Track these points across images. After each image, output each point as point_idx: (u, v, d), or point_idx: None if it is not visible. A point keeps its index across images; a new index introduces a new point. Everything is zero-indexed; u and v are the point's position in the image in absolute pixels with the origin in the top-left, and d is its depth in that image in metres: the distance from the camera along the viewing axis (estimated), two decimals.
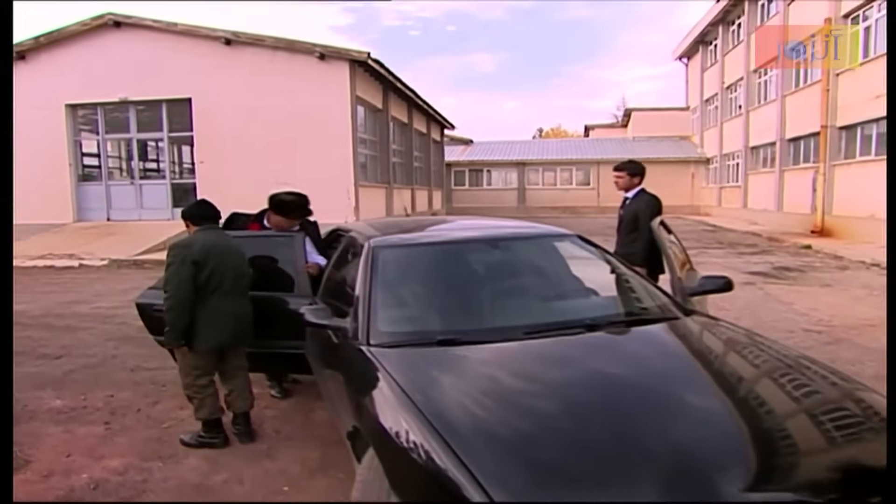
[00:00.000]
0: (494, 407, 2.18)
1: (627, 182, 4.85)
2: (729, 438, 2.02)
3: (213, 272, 3.55)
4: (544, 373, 2.51)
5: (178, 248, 3.55)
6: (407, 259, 3.47)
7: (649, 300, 3.26)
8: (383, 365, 2.54)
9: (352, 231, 4.10)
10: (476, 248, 3.62)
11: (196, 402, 3.62)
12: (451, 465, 1.82)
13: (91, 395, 4.68)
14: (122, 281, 10.41)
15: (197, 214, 3.78)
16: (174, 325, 3.48)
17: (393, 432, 2.15)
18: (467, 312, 3.09)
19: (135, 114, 15.89)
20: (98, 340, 6.37)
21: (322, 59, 14.42)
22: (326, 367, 3.41)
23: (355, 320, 2.99)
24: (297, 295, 4.05)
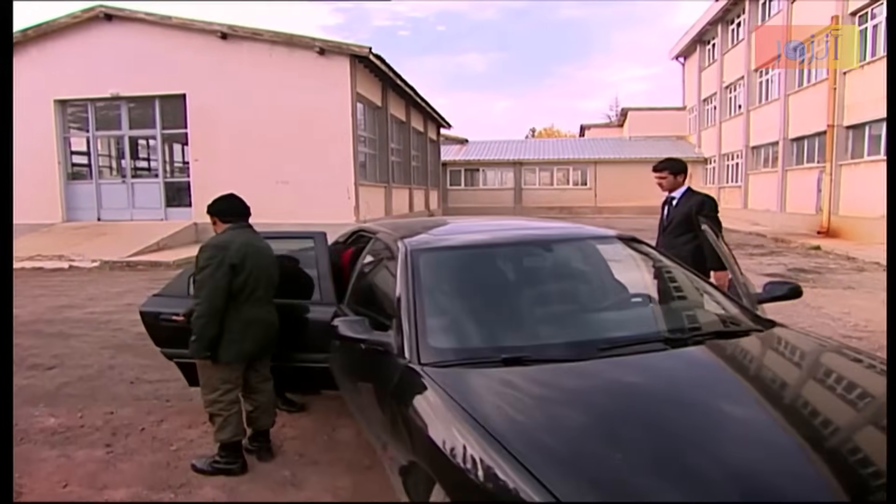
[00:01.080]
0: (599, 447, 1.81)
1: (672, 182, 4.49)
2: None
3: (248, 277, 3.19)
4: (643, 402, 2.12)
5: (213, 250, 3.17)
6: (451, 264, 3.09)
7: (725, 309, 2.89)
8: (446, 390, 2.15)
9: (379, 232, 3.71)
10: (526, 251, 3.25)
11: (219, 420, 3.21)
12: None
13: (88, 411, 4.26)
14: (116, 283, 9.95)
15: (226, 210, 3.38)
16: (203, 334, 3.10)
17: (477, 475, 1.77)
18: (529, 325, 2.72)
19: (127, 110, 15.38)
20: (93, 349, 5.94)
21: (322, 55, 14.00)
22: (361, 386, 3.02)
23: (399, 334, 2.61)
24: (319, 302, 3.66)
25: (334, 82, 14.09)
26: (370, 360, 2.79)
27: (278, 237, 3.94)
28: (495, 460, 1.74)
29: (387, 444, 2.42)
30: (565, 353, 2.42)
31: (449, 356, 2.43)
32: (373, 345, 2.69)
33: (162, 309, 3.70)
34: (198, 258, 3.20)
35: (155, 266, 11.75)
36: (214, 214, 3.40)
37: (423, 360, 2.41)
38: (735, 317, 2.79)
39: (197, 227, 14.87)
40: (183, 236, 14.32)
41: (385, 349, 2.63)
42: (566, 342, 2.53)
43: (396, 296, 2.78)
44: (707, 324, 2.75)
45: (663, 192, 4.60)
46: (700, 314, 2.88)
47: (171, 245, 13.73)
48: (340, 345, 3.31)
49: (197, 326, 3.10)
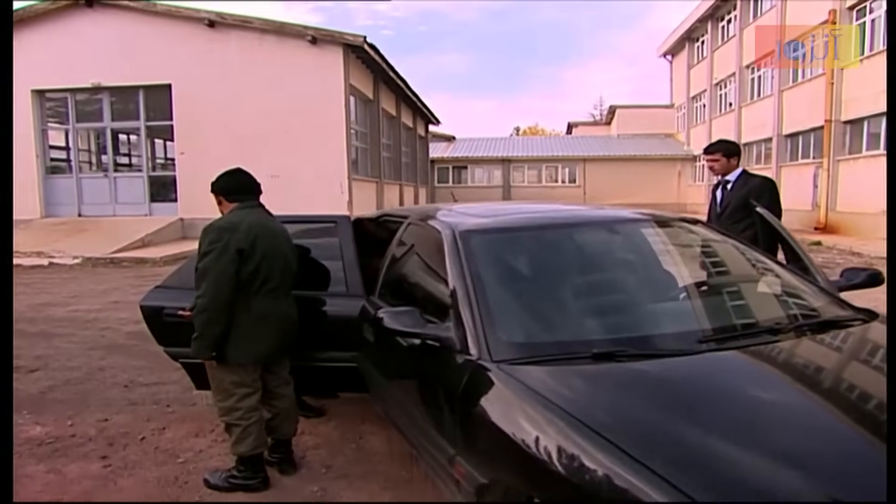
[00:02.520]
0: (731, 448, 1.45)
1: (725, 165, 4.17)
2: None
3: (260, 264, 2.73)
4: (772, 404, 1.76)
5: (217, 232, 2.70)
6: (508, 247, 2.71)
7: (816, 298, 2.54)
8: (539, 392, 1.77)
9: (411, 216, 3.30)
10: (589, 233, 2.86)
11: (237, 431, 2.76)
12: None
13: (79, 419, 3.80)
14: (100, 281, 9.41)
15: (233, 187, 2.92)
16: (206, 331, 2.65)
17: (594, 485, 1.43)
18: (610, 315, 2.34)
19: (109, 101, 14.74)
20: (79, 349, 5.45)
21: (314, 44, 13.52)
22: (406, 388, 2.62)
23: (459, 328, 2.22)
24: (344, 294, 3.26)
25: (327, 73, 13.62)
26: (421, 358, 2.40)
27: (294, 221, 3.51)
28: (616, 467, 1.44)
29: (455, 458, 2.02)
30: (660, 346, 2.05)
31: (525, 352, 2.05)
32: (428, 340, 2.30)
33: (166, 303, 3.26)
34: (200, 242, 2.76)
35: (140, 263, 11.21)
36: (219, 192, 2.94)
37: (496, 357, 2.03)
38: (830, 306, 2.44)
39: (183, 222, 14.32)
40: (168, 232, 13.76)
41: (442, 345, 2.25)
42: (657, 334, 2.17)
43: (450, 286, 2.39)
44: (807, 313, 2.39)
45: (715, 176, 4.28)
46: (794, 302, 2.52)
47: (157, 241, 13.16)
48: (375, 341, 2.93)
49: (199, 322, 2.66)
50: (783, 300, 2.51)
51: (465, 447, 1.98)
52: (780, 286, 2.62)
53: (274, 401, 2.93)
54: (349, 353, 3.20)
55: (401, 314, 2.38)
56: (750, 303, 2.53)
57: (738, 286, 2.68)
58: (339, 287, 3.31)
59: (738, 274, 2.76)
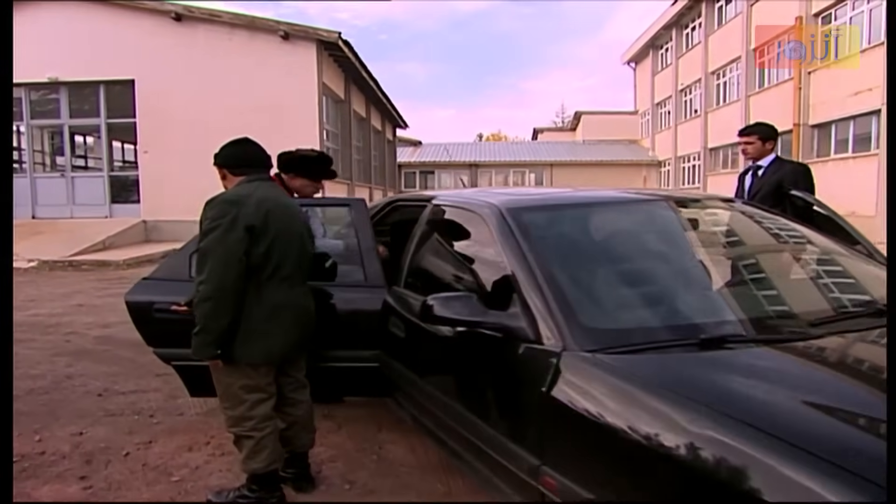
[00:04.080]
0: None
1: (759, 149, 3.96)
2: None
3: (273, 245, 2.31)
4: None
5: (221, 206, 2.27)
6: (564, 225, 2.40)
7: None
8: (659, 385, 1.46)
9: (437, 197, 2.96)
10: (646, 210, 2.59)
11: (250, 444, 2.35)
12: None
13: (48, 433, 3.32)
14: (59, 284, 8.75)
15: (239, 158, 2.47)
16: (210, 324, 2.22)
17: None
18: (699, 297, 2.05)
19: (67, 97, 13.93)
20: (43, 356, 4.91)
21: (286, 39, 13.04)
22: (451, 388, 2.27)
23: (527, 314, 1.90)
24: (359, 284, 2.90)
25: (300, 70, 13.14)
26: (477, 353, 2.07)
27: (300, 205, 3.13)
28: (803, 471, 1.15)
29: (541, 469, 1.68)
30: (770, 332, 1.77)
31: (614, 340, 1.74)
32: (489, 330, 1.96)
33: (156, 297, 2.85)
34: (201, 219, 2.33)
35: (102, 266, 10.52)
36: (223, 165, 2.49)
37: (585, 347, 1.71)
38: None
39: (146, 224, 13.62)
40: (131, 235, 13.04)
41: (506, 336, 1.92)
42: (765, 316, 1.88)
43: (509, 269, 2.07)
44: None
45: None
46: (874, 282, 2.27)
47: (119, 244, 12.44)
48: (407, 336, 2.58)
49: (201, 313, 2.22)
50: (869, 281, 2.25)
51: (557, 456, 1.65)
52: (859, 266, 2.38)
53: (288, 408, 2.53)
54: (367, 351, 2.85)
55: (454, 301, 2.04)
56: (842, 282, 2.26)
57: (818, 266, 2.42)
58: (354, 277, 2.94)
59: (813, 252, 2.51)
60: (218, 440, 3.15)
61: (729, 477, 1.23)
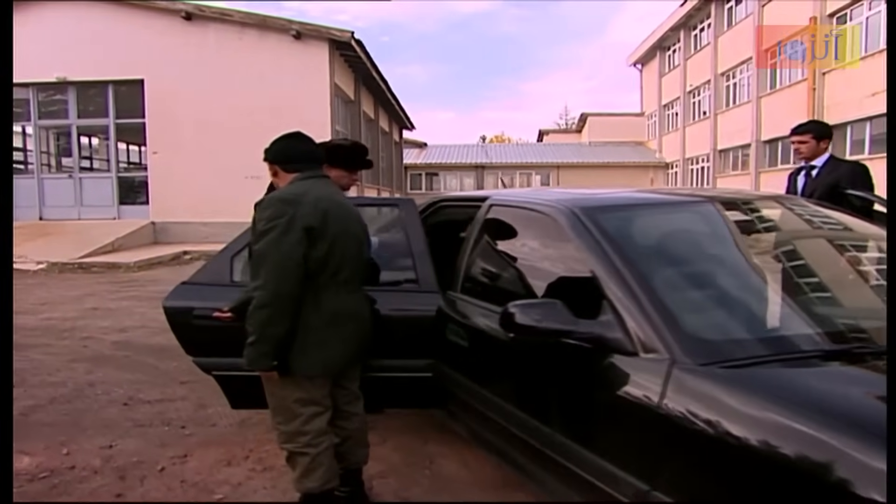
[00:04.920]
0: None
1: (813, 148, 3.78)
2: None
3: (332, 247, 2.13)
4: None
5: (277, 205, 2.09)
6: (644, 227, 2.24)
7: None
8: (789, 404, 1.29)
9: (492, 199, 2.77)
10: (723, 210, 2.41)
11: (304, 461, 2.17)
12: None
13: (76, 445, 3.14)
14: (71, 287, 8.58)
15: (293, 154, 2.28)
16: (266, 333, 2.04)
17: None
18: (805, 304, 1.88)
19: (75, 97, 13.78)
20: (61, 362, 4.74)
21: (298, 39, 12.88)
22: (528, 402, 2.09)
23: (623, 323, 1.73)
24: (412, 289, 2.72)
25: (312, 70, 12.98)
26: (563, 365, 1.90)
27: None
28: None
29: (651, 495, 1.51)
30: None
31: (728, 352, 1.59)
32: (582, 340, 1.79)
33: (196, 302, 2.67)
34: (255, 221, 2.15)
35: (113, 268, 10.35)
36: (275, 161, 2.29)
37: (699, 359, 1.55)
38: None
39: (155, 226, 13.47)
40: (140, 236, 12.88)
41: (597, 346, 1.76)
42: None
43: (596, 274, 1.90)
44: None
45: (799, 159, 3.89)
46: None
47: (128, 246, 12.28)
48: (471, 345, 2.40)
49: (257, 322, 2.04)
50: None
51: (671, 480, 1.48)
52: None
53: (343, 421, 2.35)
54: (420, 360, 2.67)
55: (538, 308, 1.87)
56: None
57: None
58: (406, 281, 2.76)
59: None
60: (257, 454, 2.98)
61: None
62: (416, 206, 2.93)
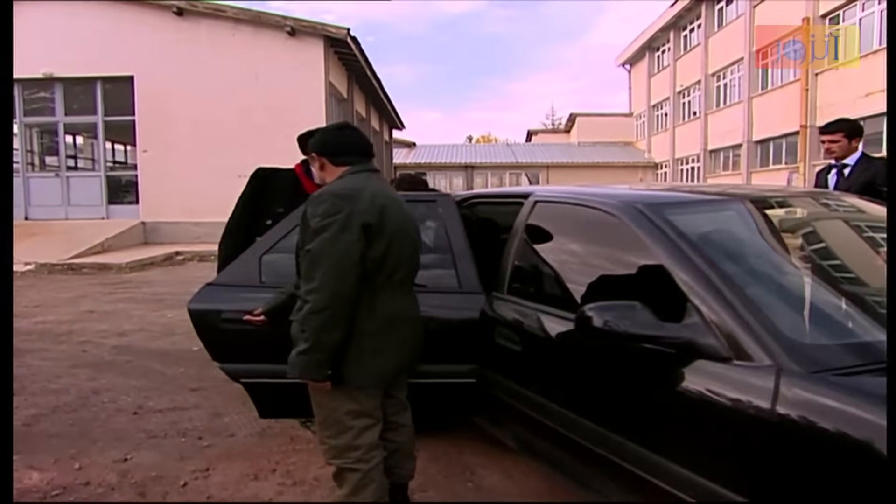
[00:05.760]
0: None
1: (846, 147, 3.71)
2: None
3: (389, 247, 1.96)
4: None
5: (333, 201, 1.90)
6: (718, 225, 2.11)
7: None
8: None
9: (536, 195, 2.62)
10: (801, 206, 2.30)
11: (355, 478, 1.99)
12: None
13: (88, 458, 2.95)
14: (61, 288, 8.30)
15: (342, 146, 2.09)
16: (322, 340, 1.85)
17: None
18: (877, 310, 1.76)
19: (62, 93, 13.42)
20: (60, 368, 4.52)
21: (292, 35, 12.65)
22: (595, 411, 1.95)
23: (714, 328, 1.60)
24: (453, 290, 2.57)
25: (306, 68, 12.75)
26: (637, 369, 1.77)
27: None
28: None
29: None
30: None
31: (837, 360, 1.48)
32: (668, 345, 1.66)
33: (224, 305, 2.50)
34: (306, 218, 1.94)
35: (104, 269, 10.07)
36: (322, 153, 2.09)
37: (810, 368, 1.43)
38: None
39: (145, 226, 13.17)
40: (130, 237, 12.57)
41: (682, 351, 1.64)
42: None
43: (678, 276, 1.77)
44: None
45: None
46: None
47: (118, 246, 11.97)
48: (524, 350, 2.26)
49: (312, 328, 1.85)
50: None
51: (779, 493, 1.36)
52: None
53: (391, 433, 2.18)
54: (462, 365, 2.52)
55: (618, 310, 1.73)
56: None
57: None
58: (446, 282, 2.61)
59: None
60: (284, 466, 2.81)
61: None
62: (454, 202, 2.77)
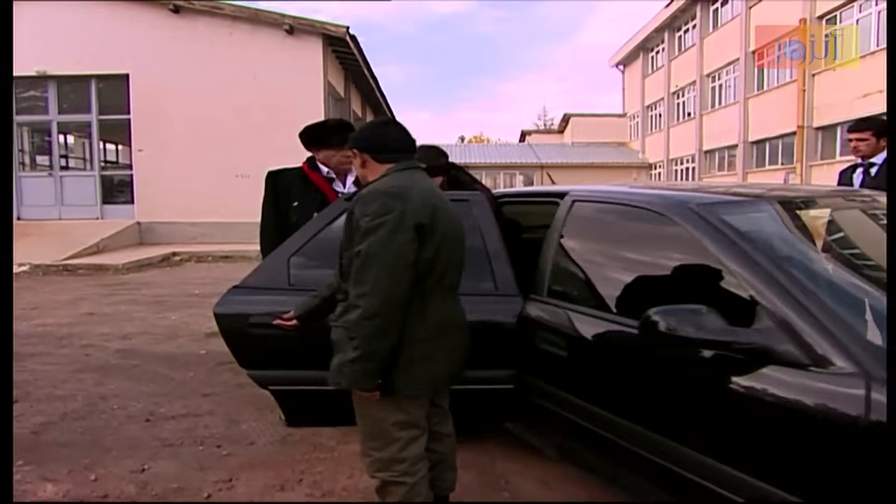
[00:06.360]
0: None
1: (873, 146, 3.65)
2: None
3: (439, 249, 1.86)
4: None
5: (384, 199, 1.79)
6: (773, 225, 2.04)
7: None
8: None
9: (572, 195, 2.53)
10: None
11: (402, 491, 1.90)
12: None
13: (103, 469, 2.83)
14: (59, 290, 8.13)
15: (388, 142, 1.98)
16: (374, 347, 1.75)
17: None
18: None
19: (56, 91, 13.20)
20: (65, 373, 4.39)
21: (291, 34, 12.50)
22: (660, 419, 1.86)
23: (791, 335, 1.53)
24: (489, 293, 2.48)
25: (305, 66, 12.61)
26: (703, 375, 1.70)
27: None
28: None
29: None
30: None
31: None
32: (741, 351, 1.59)
33: (253, 308, 2.39)
34: (355, 216, 1.83)
35: (100, 270, 9.90)
36: (366, 150, 1.98)
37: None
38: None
39: (140, 226, 12.98)
40: (125, 237, 12.39)
41: (755, 358, 1.57)
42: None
43: (747, 281, 1.70)
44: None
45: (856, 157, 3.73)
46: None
47: (113, 247, 11.79)
48: (571, 355, 2.17)
49: (363, 335, 1.74)
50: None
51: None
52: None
53: (434, 443, 2.08)
54: (500, 371, 2.43)
55: (686, 315, 1.64)
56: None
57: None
58: (482, 285, 2.51)
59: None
60: (310, 476, 2.70)
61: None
62: (488, 202, 2.68)
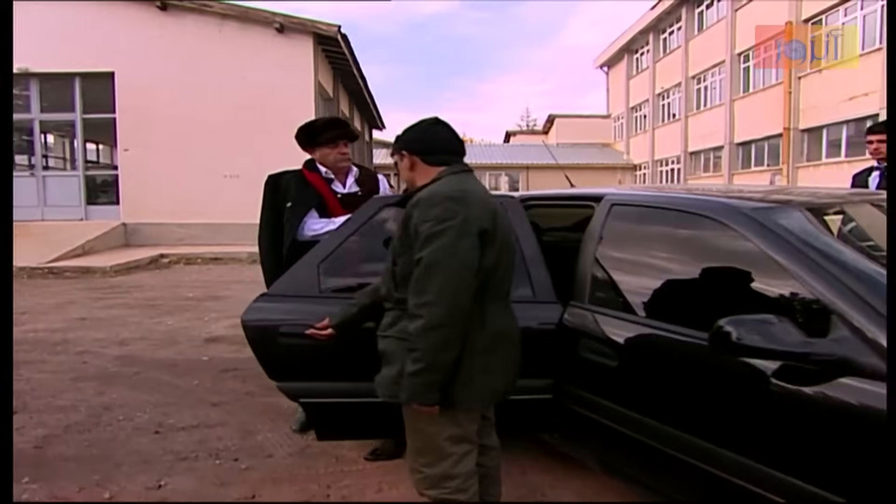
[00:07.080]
0: None
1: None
2: None
3: (500, 256, 1.78)
4: None
5: (446, 204, 1.69)
6: (827, 230, 1.98)
7: None
8: None
9: (609, 198, 2.47)
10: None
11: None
12: None
13: (116, 485, 2.70)
14: (46, 294, 7.91)
15: (439, 143, 1.89)
16: (439, 359, 1.65)
17: None
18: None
19: (38, 89, 12.88)
20: (63, 382, 4.22)
21: (281, 32, 12.33)
22: (720, 432, 1.79)
23: (873, 346, 1.50)
24: (526, 300, 2.40)
25: (295, 66, 12.44)
26: (769, 387, 1.64)
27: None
28: None
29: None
30: None
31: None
32: (818, 363, 1.53)
33: (283, 318, 2.28)
34: (413, 220, 1.73)
35: (87, 273, 9.65)
36: (415, 152, 1.88)
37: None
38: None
39: (126, 228, 12.71)
40: (110, 239, 12.12)
41: (828, 367, 1.52)
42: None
43: (816, 289, 1.64)
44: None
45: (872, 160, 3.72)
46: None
47: (98, 249, 11.53)
48: (620, 365, 2.10)
49: (427, 346, 1.64)
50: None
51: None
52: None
53: (482, 457, 2.00)
54: (538, 380, 2.35)
55: (758, 325, 1.58)
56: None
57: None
58: (519, 291, 2.43)
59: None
60: (337, 490, 2.60)
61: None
62: (520, 206, 2.60)
